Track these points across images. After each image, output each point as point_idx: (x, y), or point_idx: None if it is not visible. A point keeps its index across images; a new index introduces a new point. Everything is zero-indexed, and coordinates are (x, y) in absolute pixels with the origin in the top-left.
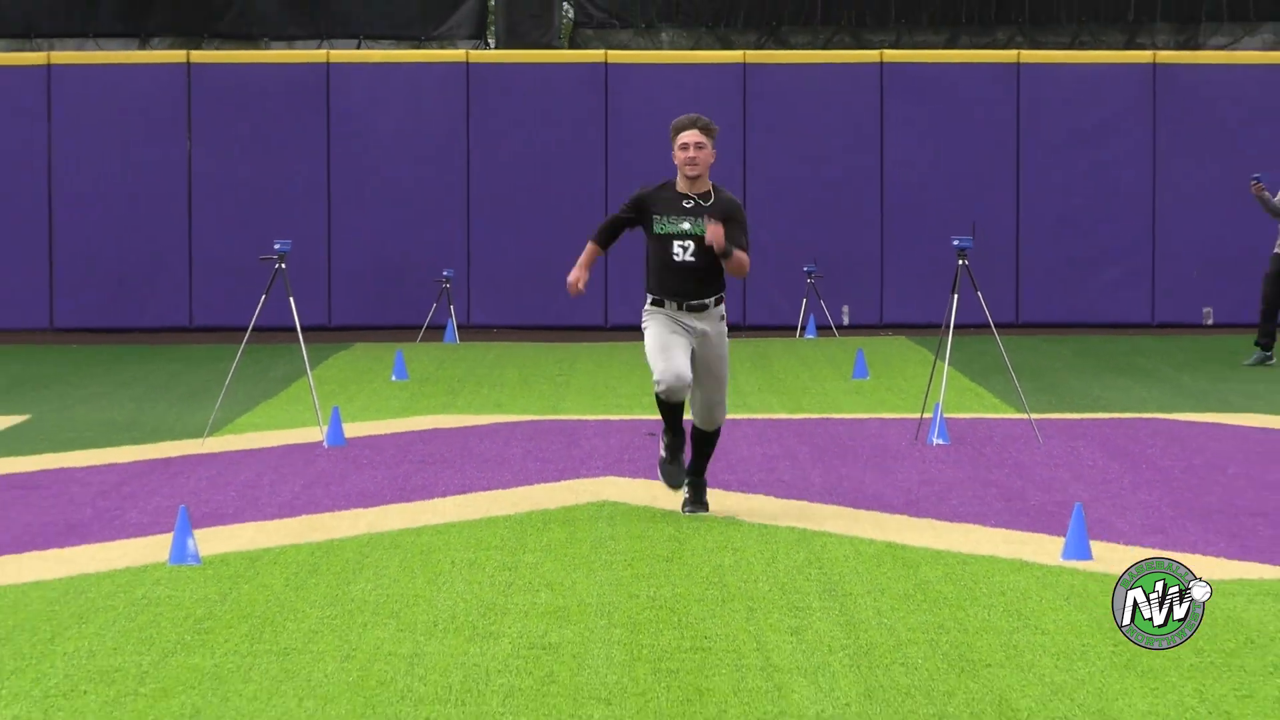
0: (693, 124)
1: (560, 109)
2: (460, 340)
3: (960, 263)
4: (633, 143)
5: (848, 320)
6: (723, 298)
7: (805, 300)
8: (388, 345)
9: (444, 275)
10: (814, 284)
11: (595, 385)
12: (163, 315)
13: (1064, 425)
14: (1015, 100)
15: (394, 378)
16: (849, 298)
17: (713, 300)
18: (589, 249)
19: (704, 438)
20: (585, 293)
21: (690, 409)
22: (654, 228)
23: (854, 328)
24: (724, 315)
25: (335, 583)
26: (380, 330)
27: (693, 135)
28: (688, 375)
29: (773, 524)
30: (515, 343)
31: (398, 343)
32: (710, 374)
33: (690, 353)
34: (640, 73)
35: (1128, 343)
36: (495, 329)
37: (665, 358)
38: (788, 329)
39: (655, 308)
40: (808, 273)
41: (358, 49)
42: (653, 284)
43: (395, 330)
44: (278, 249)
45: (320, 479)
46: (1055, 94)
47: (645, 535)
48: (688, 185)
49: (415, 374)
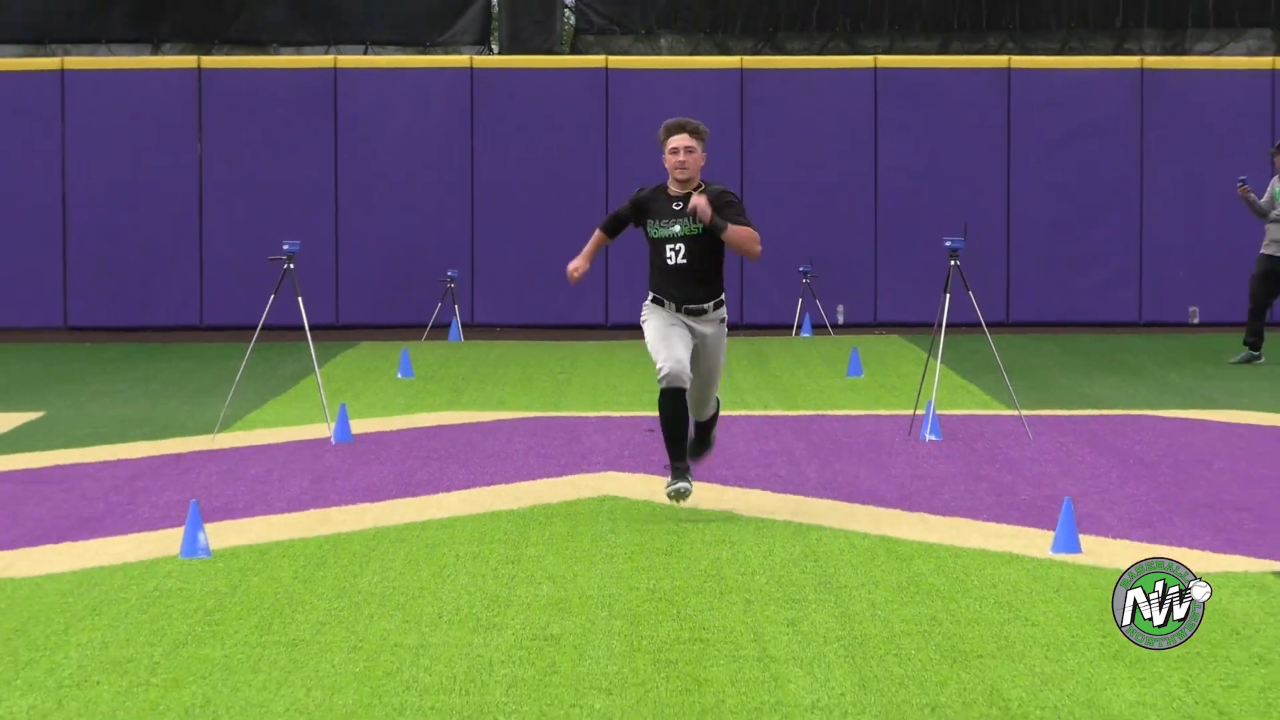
0: (681, 128)
1: (562, 113)
2: (464, 339)
3: (952, 263)
4: (633, 146)
5: (843, 319)
6: (722, 301)
7: (801, 300)
8: (394, 344)
9: (448, 275)
10: (809, 284)
11: (596, 383)
12: (174, 314)
13: (1053, 422)
14: (1006, 105)
15: (400, 375)
16: (844, 298)
17: (711, 305)
18: (595, 236)
19: (699, 425)
20: (583, 283)
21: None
22: (649, 231)
23: (849, 327)
24: (724, 318)
25: (343, 575)
26: (386, 329)
27: (682, 139)
28: (688, 362)
29: (769, 518)
30: (518, 341)
31: (403, 341)
32: (701, 375)
33: (690, 345)
34: (640, 78)
35: (1116, 341)
36: (498, 328)
37: (666, 346)
38: (784, 328)
39: (655, 305)
40: (803, 273)
41: (365, 55)
42: (653, 285)
43: (401, 329)
44: (286, 250)
45: (328, 474)
46: (1045, 98)
47: (645, 529)
48: (679, 189)
49: (420, 372)
